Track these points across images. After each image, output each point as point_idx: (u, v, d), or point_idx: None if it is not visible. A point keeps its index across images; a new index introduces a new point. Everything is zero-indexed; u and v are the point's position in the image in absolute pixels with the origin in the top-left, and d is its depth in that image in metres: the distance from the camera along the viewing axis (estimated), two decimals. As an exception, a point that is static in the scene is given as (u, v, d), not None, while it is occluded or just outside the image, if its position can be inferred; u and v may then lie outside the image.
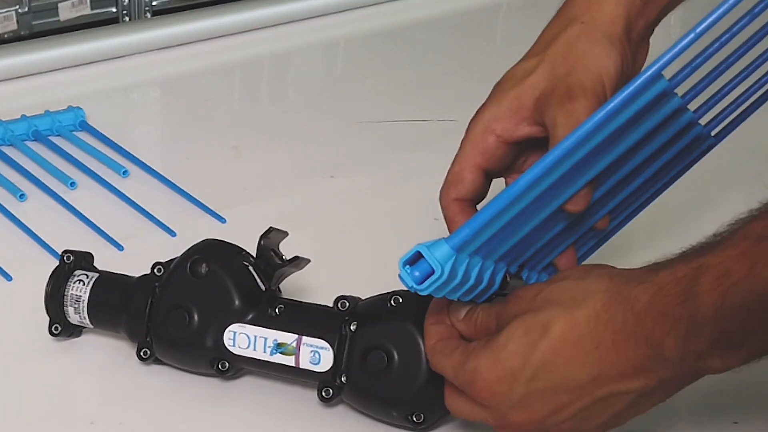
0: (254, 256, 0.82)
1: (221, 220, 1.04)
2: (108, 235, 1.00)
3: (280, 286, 0.83)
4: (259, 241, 0.81)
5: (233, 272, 0.81)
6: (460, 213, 0.78)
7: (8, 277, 0.95)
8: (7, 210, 1.03)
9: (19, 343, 0.86)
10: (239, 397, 0.82)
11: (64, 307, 0.84)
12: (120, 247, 0.99)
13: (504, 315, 0.72)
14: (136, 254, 0.98)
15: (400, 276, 0.68)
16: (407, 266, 0.68)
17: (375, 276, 0.95)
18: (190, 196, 1.06)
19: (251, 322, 0.80)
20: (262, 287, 0.81)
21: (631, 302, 0.65)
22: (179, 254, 0.83)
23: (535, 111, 0.76)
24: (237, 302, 0.80)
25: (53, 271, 0.85)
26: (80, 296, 0.83)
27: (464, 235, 0.68)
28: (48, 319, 0.85)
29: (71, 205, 1.04)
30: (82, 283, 0.84)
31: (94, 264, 0.87)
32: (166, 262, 0.83)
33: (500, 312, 0.73)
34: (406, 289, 0.77)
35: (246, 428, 0.80)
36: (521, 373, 0.68)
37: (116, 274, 0.85)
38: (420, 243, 0.68)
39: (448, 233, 0.75)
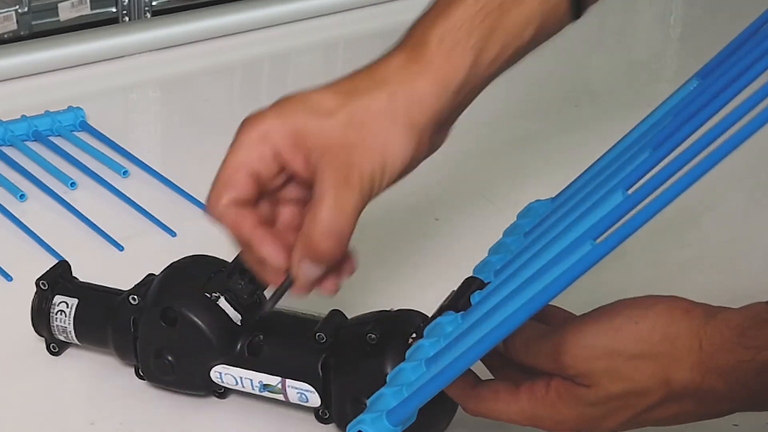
0: (232, 266, 0.78)
1: (221, 220, 1.03)
2: (108, 235, 1.00)
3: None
4: (225, 297, 0.78)
5: (205, 315, 0.78)
6: (239, 219, 0.72)
7: (8, 278, 0.95)
8: (7, 210, 1.03)
9: (20, 343, 0.86)
10: (239, 396, 0.82)
11: (54, 336, 0.84)
12: (120, 247, 0.99)
13: (568, 356, 0.68)
14: (136, 254, 0.98)
15: None
16: None
17: (374, 277, 0.95)
18: (190, 196, 1.06)
19: (234, 364, 0.78)
20: (238, 322, 0.79)
21: (736, 375, 0.65)
22: (176, 258, 0.82)
23: (313, 155, 0.70)
24: (215, 344, 0.78)
25: (33, 302, 0.84)
26: (66, 327, 0.83)
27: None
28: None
29: (71, 205, 1.04)
30: (63, 314, 0.83)
31: (73, 275, 0.86)
32: (142, 285, 0.81)
33: (560, 349, 0.68)
34: (381, 312, 0.77)
35: (245, 428, 0.80)
36: (612, 419, 0.68)
37: (95, 292, 0.84)
38: (362, 416, 0.67)
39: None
